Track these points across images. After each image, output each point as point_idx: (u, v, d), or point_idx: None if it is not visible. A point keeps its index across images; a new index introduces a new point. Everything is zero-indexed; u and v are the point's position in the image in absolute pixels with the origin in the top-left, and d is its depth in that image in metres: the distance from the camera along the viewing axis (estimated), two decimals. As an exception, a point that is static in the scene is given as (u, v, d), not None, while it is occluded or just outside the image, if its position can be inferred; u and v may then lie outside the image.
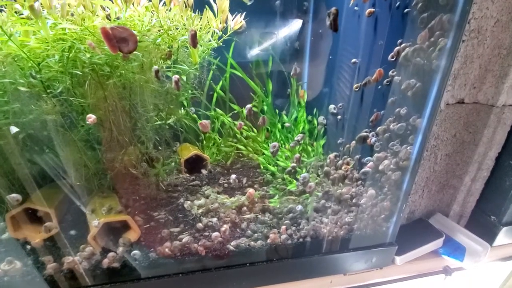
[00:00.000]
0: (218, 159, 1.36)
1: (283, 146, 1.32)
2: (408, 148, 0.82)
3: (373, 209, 0.94)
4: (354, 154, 1.07)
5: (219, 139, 1.36)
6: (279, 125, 1.37)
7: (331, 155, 0.99)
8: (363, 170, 0.94)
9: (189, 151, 1.24)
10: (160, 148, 1.11)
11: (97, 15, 0.82)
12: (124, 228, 0.95)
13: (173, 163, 1.19)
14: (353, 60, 1.01)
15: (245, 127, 1.35)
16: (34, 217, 0.94)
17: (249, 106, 0.80)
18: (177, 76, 0.74)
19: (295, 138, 0.96)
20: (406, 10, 0.78)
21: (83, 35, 0.80)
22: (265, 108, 1.38)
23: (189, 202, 1.03)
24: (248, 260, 0.91)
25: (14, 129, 0.69)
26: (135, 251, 0.85)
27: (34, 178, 0.94)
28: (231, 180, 0.90)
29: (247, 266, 0.91)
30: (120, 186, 1.06)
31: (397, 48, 0.83)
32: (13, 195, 0.72)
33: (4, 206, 0.93)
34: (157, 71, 0.71)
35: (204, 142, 1.37)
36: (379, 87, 0.91)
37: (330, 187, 1.00)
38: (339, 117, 1.11)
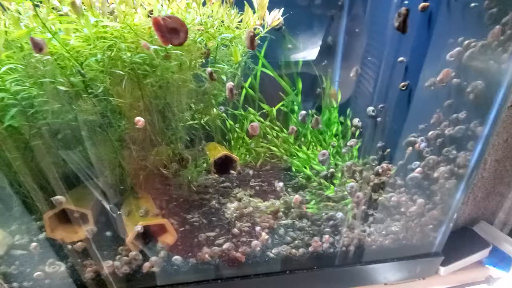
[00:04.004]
0: (247, 160, 1.32)
1: (315, 148, 1.27)
2: (467, 154, 0.77)
3: (421, 218, 0.89)
4: (396, 160, 1.01)
5: (249, 140, 1.32)
6: (310, 126, 1.32)
7: (380, 167, 0.93)
8: (410, 175, 0.88)
9: (217, 151, 1.21)
10: (193, 147, 1.08)
11: (137, 12, 0.78)
12: (159, 231, 0.93)
13: (204, 164, 1.16)
14: (400, 58, 0.95)
15: (275, 127, 1.31)
16: (67, 218, 0.93)
17: (303, 112, 0.75)
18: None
19: (348, 143, 0.91)
20: (472, 4, 0.71)
21: (124, 33, 0.76)
22: (296, 108, 1.33)
23: (231, 208, 0.99)
24: (287, 267, 0.88)
25: None
26: (176, 256, 0.83)
27: (67, 179, 0.92)
28: (278, 188, 0.86)
29: (286, 274, 0.88)
30: (152, 187, 1.04)
31: (457, 49, 0.77)
32: (58, 197, 0.71)
33: (39, 206, 0.92)
34: (211, 73, 0.67)
35: (232, 142, 1.34)
36: (431, 87, 0.85)
37: (374, 195, 0.95)
38: (379, 119, 1.05)
